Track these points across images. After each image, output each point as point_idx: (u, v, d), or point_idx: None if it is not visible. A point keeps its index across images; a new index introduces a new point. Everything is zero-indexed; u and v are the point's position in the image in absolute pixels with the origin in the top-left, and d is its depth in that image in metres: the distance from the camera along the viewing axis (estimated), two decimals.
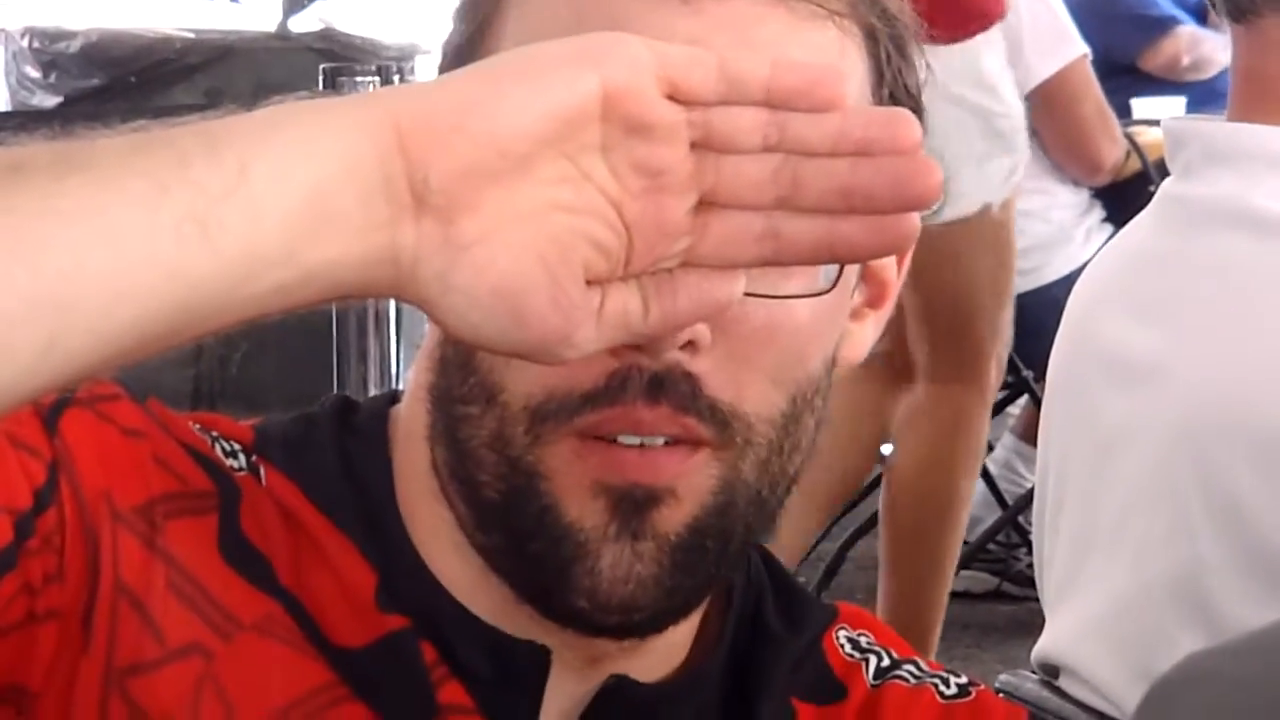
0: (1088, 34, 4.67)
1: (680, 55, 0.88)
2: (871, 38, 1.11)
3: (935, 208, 0.92)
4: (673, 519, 1.07)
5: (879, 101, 1.12)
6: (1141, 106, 5.02)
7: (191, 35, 4.48)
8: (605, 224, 0.87)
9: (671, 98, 0.87)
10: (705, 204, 0.88)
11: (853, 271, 1.09)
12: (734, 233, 0.88)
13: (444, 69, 1.12)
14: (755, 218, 0.88)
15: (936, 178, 0.85)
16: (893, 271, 1.14)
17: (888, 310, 1.18)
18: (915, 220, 0.88)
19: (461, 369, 1.09)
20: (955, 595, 4.64)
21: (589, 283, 0.88)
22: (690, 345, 1.03)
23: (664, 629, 1.12)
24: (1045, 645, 1.66)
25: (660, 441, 1.06)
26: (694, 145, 0.88)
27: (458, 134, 0.85)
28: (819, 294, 1.07)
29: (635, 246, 0.88)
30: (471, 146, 0.85)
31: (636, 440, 1.05)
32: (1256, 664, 0.65)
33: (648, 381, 1.04)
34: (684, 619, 1.13)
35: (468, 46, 1.11)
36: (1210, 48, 5.45)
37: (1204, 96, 5.10)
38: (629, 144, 0.87)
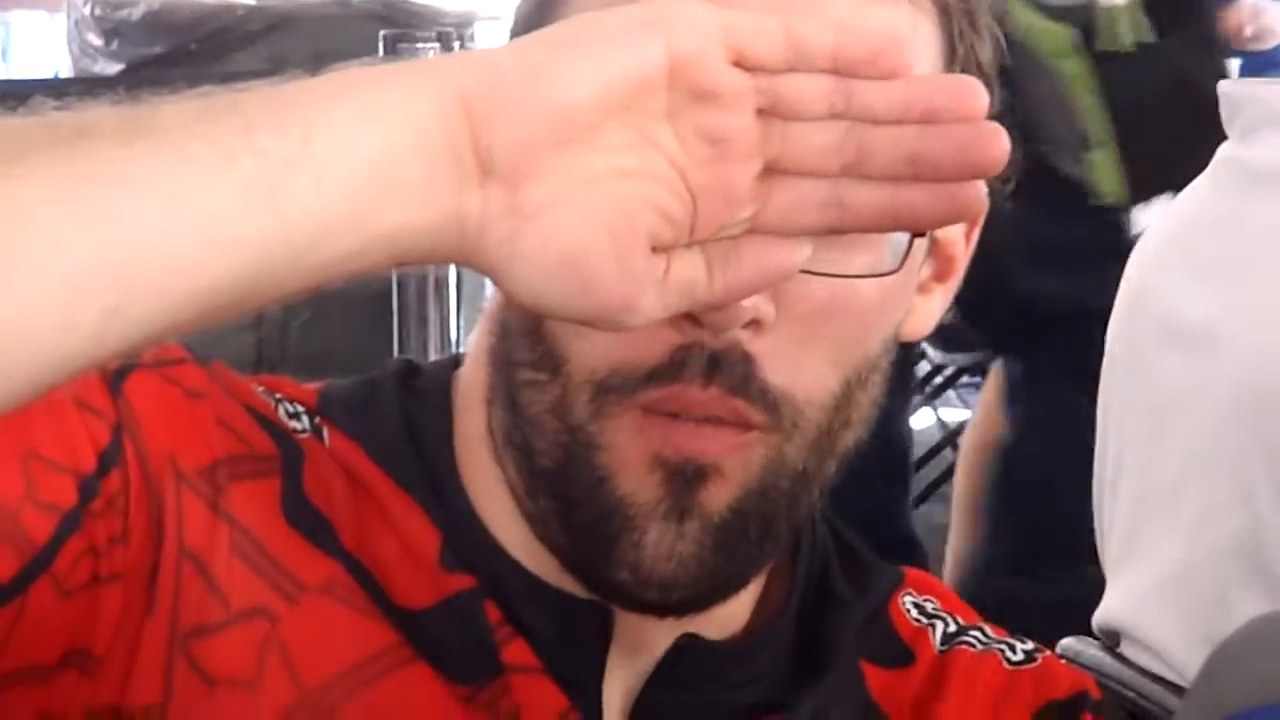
0: None
1: (746, 22, 0.88)
2: (945, 12, 1.10)
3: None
4: (719, 498, 1.07)
5: (949, 59, 1.09)
6: None
7: (252, 2, 4.49)
8: (671, 191, 0.87)
9: (737, 65, 0.87)
10: (770, 171, 0.88)
11: (920, 247, 1.08)
12: (799, 200, 0.88)
13: (515, 33, 1.11)
14: (820, 185, 0.87)
15: (1003, 145, 0.85)
16: (960, 245, 1.14)
17: (955, 283, 1.17)
18: (982, 189, 0.87)
19: (528, 336, 1.09)
20: None
21: (654, 250, 0.88)
22: (754, 324, 1.03)
23: (704, 608, 1.12)
24: (1106, 610, 1.66)
25: (710, 420, 1.09)
26: (759, 112, 0.88)
27: (523, 102, 0.85)
28: (886, 274, 1.07)
29: (700, 213, 0.88)
30: (537, 114, 0.85)
31: (691, 420, 1.06)
32: None
33: (707, 359, 1.04)
34: (724, 600, 1.13)
35: (537, 11, 1.10)
36: (1271, 18, 5.49)
37: (1260, 65, 5.15)
38: (695, 111, 0.87)
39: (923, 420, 5.70)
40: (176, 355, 1.09)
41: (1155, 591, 1.60)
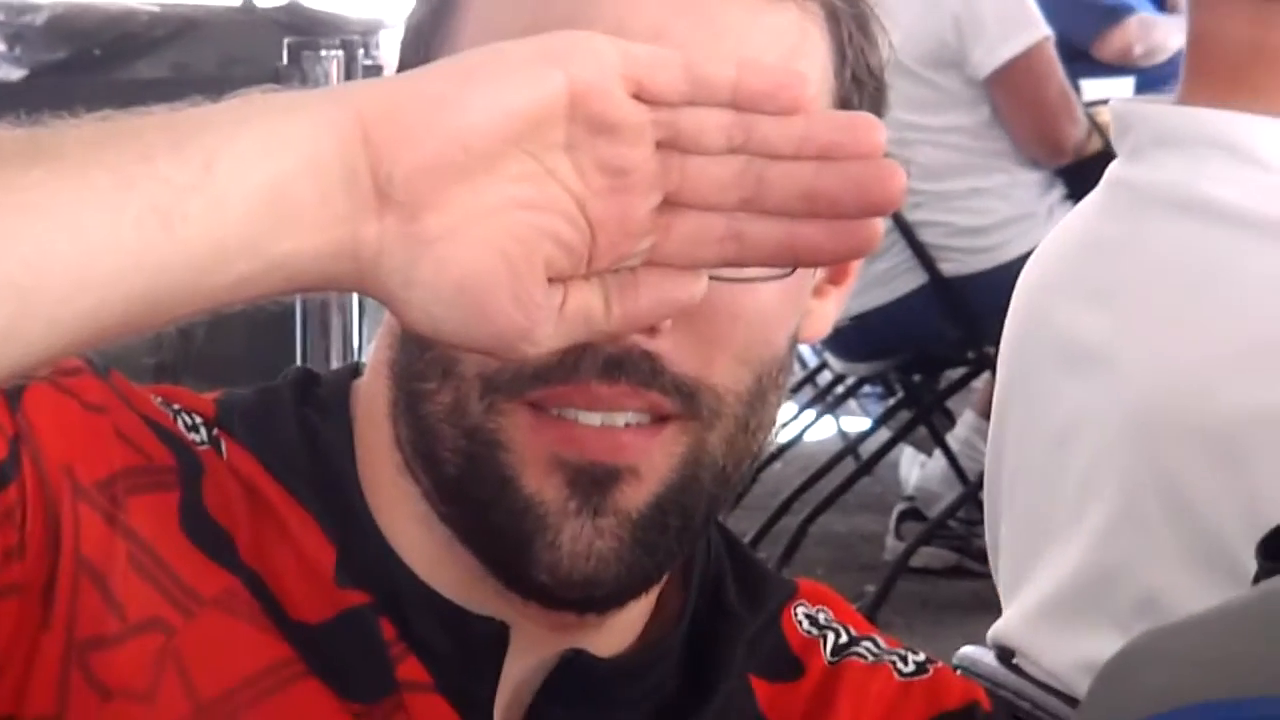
0: (1044, 19, 4.75)
1: (647, 55, 0.88)
2: (833, 18, 1.11)
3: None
4: (635, 497, 1.07)
5: (841, 82, 1.11)
6: (1091, 88, 5.04)
7: (157, 8, 4.43)
8: (569, 222, 0.88)
9: (637, 97, 0.87)
10: (669, 203, 0.89)
11: None
12: (697, 233, 0.89)
13: (405, 45, 1.13)
14: (719, 218, 0.88)
15: (899, 182, 0.86)
16: None
17: (850, 285, 1.19)
18: (879, 224, 0.88)
19: (419, 344, 1.09)
20: (914, 571, 4.71)
21: (551, 280, 0.88)
22: (650, 330, 1.03)
23: (625, 604, 1.12)
24: (1001, 628, 1.67)
25: (622, 421, 1.07)
26: (659, 145, 0.88)
27: (423, 131, 0.86)
28: (780, 276, 1.08)
29: (598, 245, 0.88)
30: (437, 143, 0.85)
31: (597, 419, 1.06)
32: (1206, 641, 0.65)
33: (603, 361, 1.04)
34: (645, 594, 1.14)
35: (430, 23, 1.11)
36: (1162, 34, 5.46)
37: (1154, 80, 5.10)
38: (594, 143, 0.87)
39: (824, 430, 5.78)
40: (74, 366, 1.09)
41: (1047, 611, 1.61)
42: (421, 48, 1.10)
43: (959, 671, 1.32)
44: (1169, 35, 5.34)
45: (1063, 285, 1.72)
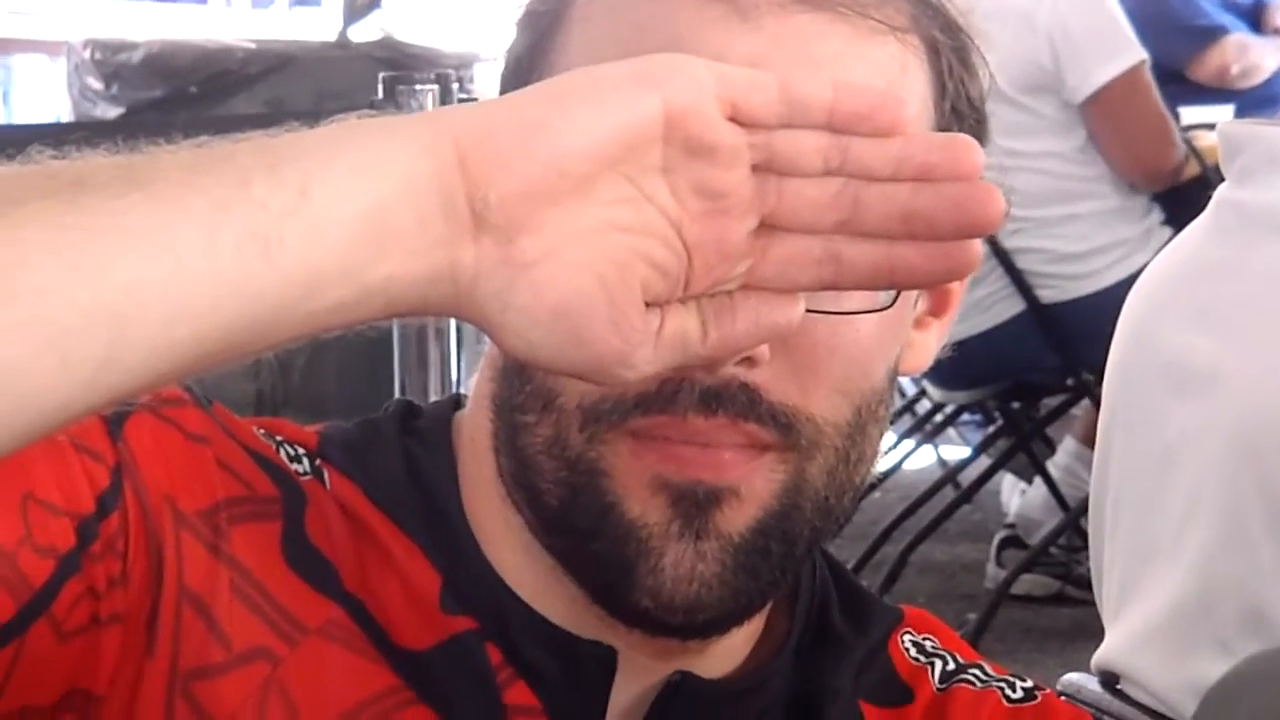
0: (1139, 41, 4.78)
1: (742, 77, 0.88)
2: (934, 51, 1.11)
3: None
4: (736, 520, 1.06)
5: (941, 114, 1.12)
6: (1189, 114, 5.03)
7: (252, 45, 4.46)
8: (665, 245, 0.87)
9: (733, 120, 0.87)
10: (766, 226, 0.89)
11: None
12: (794, 256, 0.88)
13: (505, 78, 1.13)
14: (815, 241, 0.88)
15: (998, 204, 0.85)
16: (956, 282, 1.16)
17: (951, 317, 1.19)
18: (977, 246, 0.88)
19: (519, 376, 1.09)
20: (1016, 598, 4.70)
21: (648, 304, 0.88)
22: (747, 360, 1.03)
23: (728, 629, 1.12)
24: (1105, 652, 1.66)
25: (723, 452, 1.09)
26: (755, 168, 0.88)
27: (519, 154, 0.85)
28: (881, 309, 1.08)
29: (695, 268, 0.88)
30: (533, 167, 0.85)
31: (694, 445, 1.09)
32: None
33: (700, 394, 1.04)
34: (748, 620, 1.13)
35: (529, 56, 1.11)
36: (1259, 54, 5.45)
37: (1254, 103, 5.11)
38: (690, 166, 0.87)
39: (923, 459, 5.74)
40: (176, 397, 1.09)
41: (1154, 634, 1.60)
42: (522, 78, 1.10)
43: (1064, 699, 1.31)
44: (1265, 55, 5.33)
45: (1170, 308, 1.70)
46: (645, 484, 1.05)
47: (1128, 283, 1.78)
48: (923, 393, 5.39)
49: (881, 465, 4.18)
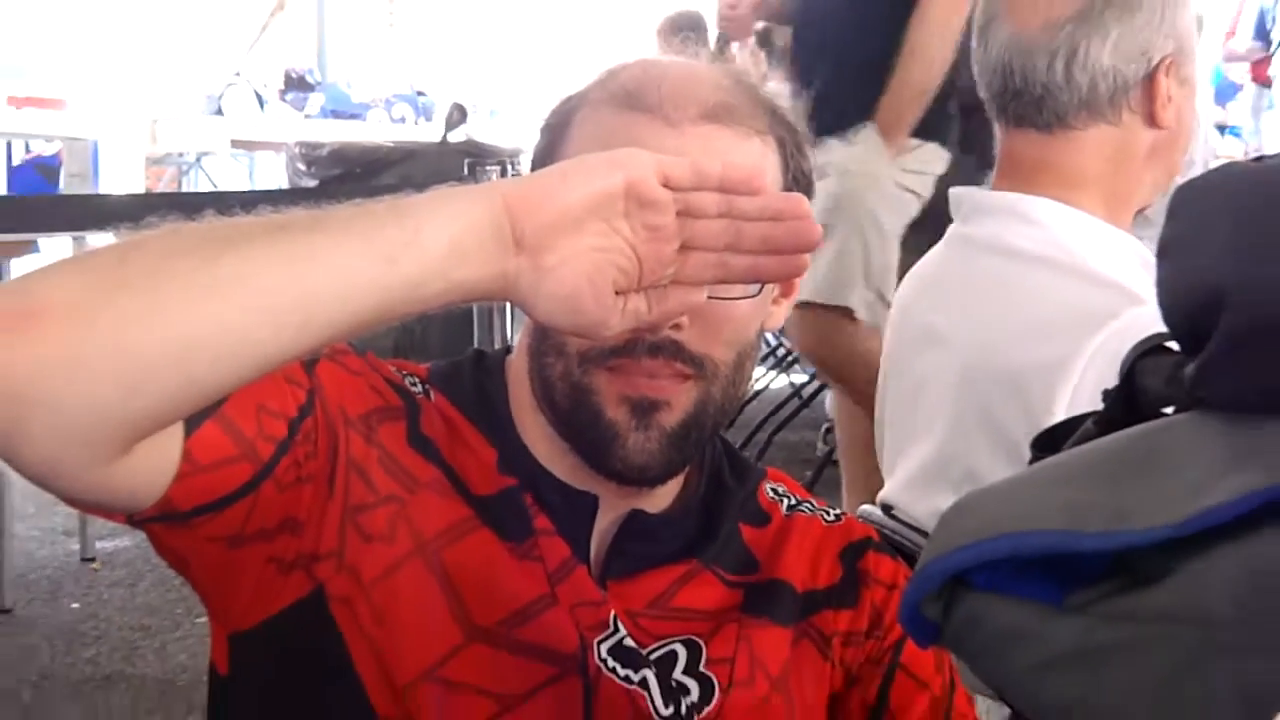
0: None
1: (670, 161, 0.99)
2: (781, 144, 1.22)
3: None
4: (668, 419, 1.20)
5: (785, 181, 1.22)
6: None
7: (391, 144, 5.19)
8: (626, 258, 0.99)
9: (666, 185, 0.98)
10: (684, 247, 0.99)
11: None
12: (700, 264, 0.99)
13: (534, 162, 1.22)
14: (712, 255, 0.99)
15: (817, 233, 0.97)
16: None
17: (793, 299, 1.30)
18: (806, 258, 0.98)
19: (543, 334, 1.20)
20: (834, 463, 4.79)
21: (617, 292, 0.98)
22: (675, 326, 1.14)
23: (664, 482, 1.23)
24: (884, 494, 1.84)
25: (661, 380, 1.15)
26: (679, 213, 0.98)
27: (542, 206, 0.97)
28: (752, 296, 1.18)
29: (644, 271, 0.98)
30: (549, 213, 0.97)
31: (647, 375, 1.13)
32: (999, 499, 0.80)
33: (648, 346, 1.16)
34: (675, 476, 1.24)
35: (546, 150, 1.22)
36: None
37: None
38: (641, 212, 0.98)
39: (780, 382, 6.24)
40: (343, 349, 1.18)
41: (912, 483, 1.79)
42: (542, 162, 1.20)
43: (859, 519, 1.42)
44: None
45: (921, 296, 1.86)
46: (615, 399, 1.18)
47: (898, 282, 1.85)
48: (780, 342, 5.95)
49: (754, 386, 4.48)
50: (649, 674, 1.24)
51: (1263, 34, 6.80)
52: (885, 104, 3.36)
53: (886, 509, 1.85)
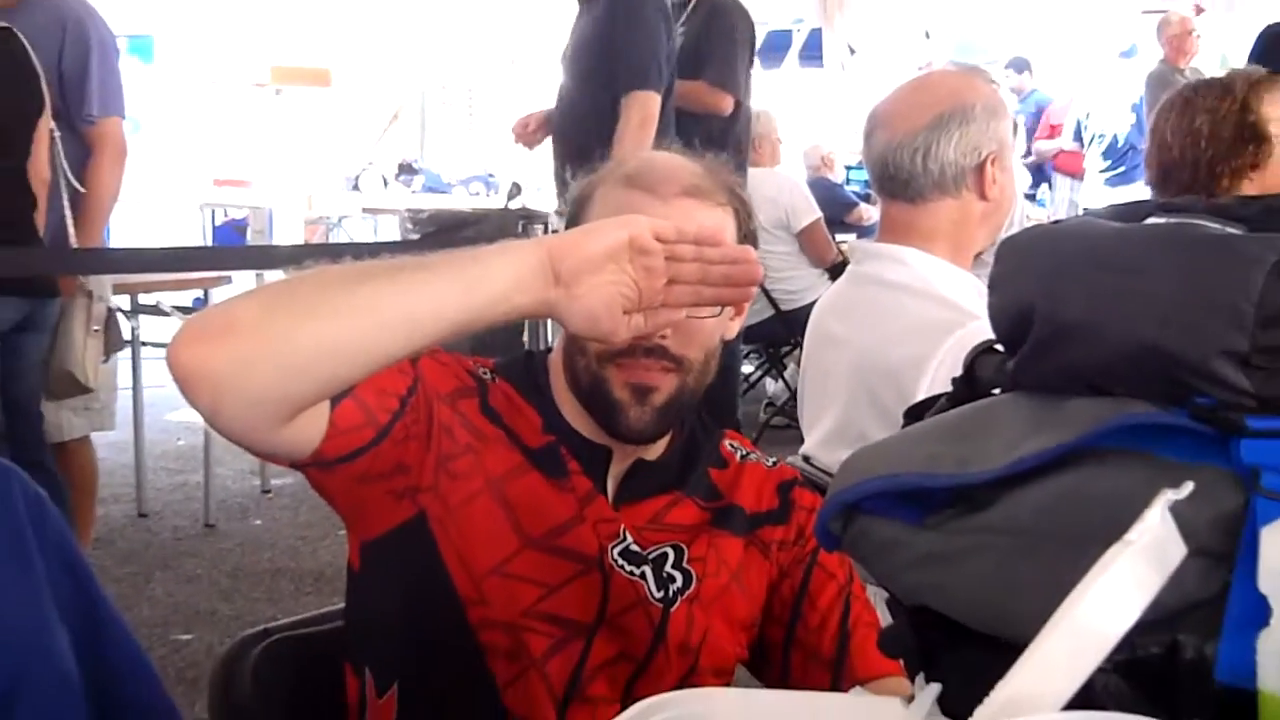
0: (820, 205, 4.97)
1: (660, 223, 0.98)
2: (736, 212, 1.22)
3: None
4: (658, 399, 1.20)
5: (740, 237, 1.22)
6: (842, 237, 5.44)
7: (468, 210, 5.09)
8: (630, 289, 0.98)
9: (657, 239, 0.97)
10: (670, 282, 0.98)
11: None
12: (680, 294, 0.99)
13: (567, 224, 1.22)
14: (689, 288, 0.98)
15: (760, 272, 0.98)
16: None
17: (744, 316, 1.28)
18: (754, 290, 1.00)
19: (573, 339, 1.20)
20: (773, 428, 5.04)
21: (624, 313, 0.98)
22: (663, 336, 1.14)
23: (657, 440, 1.22)
24: (805, 448, 1.81)
25: (654, 371, 1.15)
26: (666, 258, 0.98)
27: (574, 253, 0.96)
28: (716, 315, 1.19)
29: (642, 298, 0.98)
30: (579, 259, 0.96)
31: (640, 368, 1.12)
32: (879, 452, 0.76)
33: (644, 349, 1.16)
34: (664, 436, 1.24)
35: (575, 215, 1.22)
36: (869, 211, 5.61)
37: (866, 231, 5.50)
38: (640, 258, 0.97)
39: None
40: (437, 349, 1.17)
41: (825, 442, 1.76)
42: (572, 223, 1.19)
43: (789, 465, 1.37)
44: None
45: (829, 312, 1.84)
46: (621, 384, 1.17)
47: (814, 303, 1.91)
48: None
49: (750, 383, 4.51)
50: (647, 569, 1.24)
51: (1079, 137, 7.02)
52: None
53: (806, 459, 1.84)
